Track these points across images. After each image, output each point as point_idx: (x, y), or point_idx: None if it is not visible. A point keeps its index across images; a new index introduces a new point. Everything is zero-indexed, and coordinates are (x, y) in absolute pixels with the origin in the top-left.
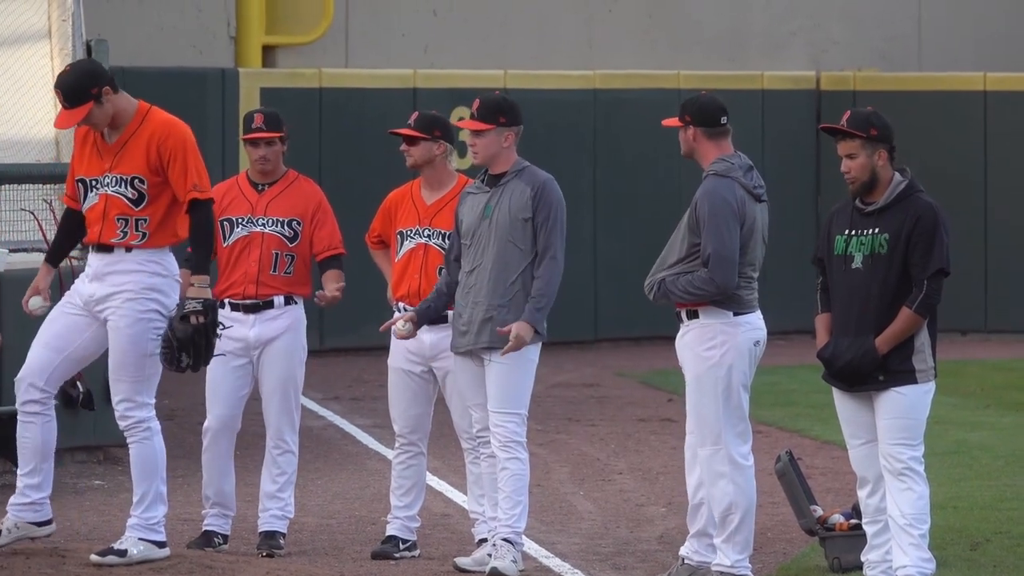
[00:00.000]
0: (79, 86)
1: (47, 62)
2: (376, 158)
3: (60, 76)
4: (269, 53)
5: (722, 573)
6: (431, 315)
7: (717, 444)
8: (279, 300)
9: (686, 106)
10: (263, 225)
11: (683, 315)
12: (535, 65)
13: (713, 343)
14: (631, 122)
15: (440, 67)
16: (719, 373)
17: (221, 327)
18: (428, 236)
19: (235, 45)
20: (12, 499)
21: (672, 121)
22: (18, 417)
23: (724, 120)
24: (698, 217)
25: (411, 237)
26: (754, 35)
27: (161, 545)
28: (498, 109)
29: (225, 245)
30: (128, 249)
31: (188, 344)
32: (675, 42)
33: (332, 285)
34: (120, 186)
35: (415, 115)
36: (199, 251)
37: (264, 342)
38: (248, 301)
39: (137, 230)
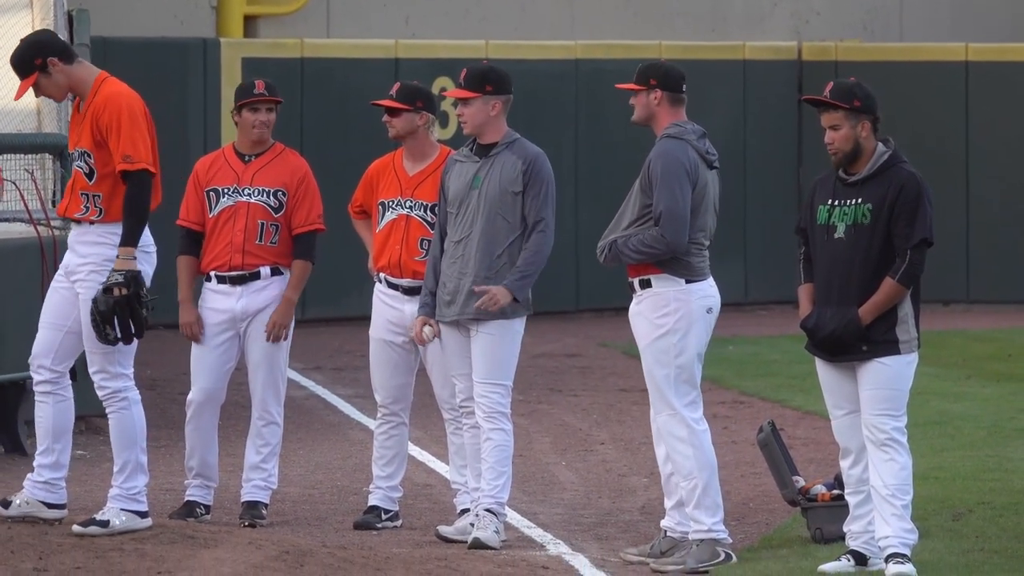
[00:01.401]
0: (23, 57)
1: (28, 31)
2: (358, 128)
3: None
4: (251, 23)
5: (702, 539)
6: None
7: (672, 410)
8: (265, 271)
9: (650, 70)
10: (249, 195)
11: (636, 285)
12: (517, 35)
13: (667, 310)
14: (612, 93)
15: (422, 38)
16: (672, 340)
17: (147, 298)
18: (410, 207)
19: (217, 15)
20: (29, 475)
21: (630, 85)
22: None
23: (684, 88)
24: (650, 177)
25: (393, 208)
26: (736, 6)
27: (143, 515)
28: (484, 78)
29: (211, 215)
30: (91, 222)
31: (110, 316)
32: (657, 12)
33: (278, 314)
34: (80, 160)
35: (397, 86)
36: (128, 222)
37: (251, 314)
38: (234, 273)
39: (95, 205)
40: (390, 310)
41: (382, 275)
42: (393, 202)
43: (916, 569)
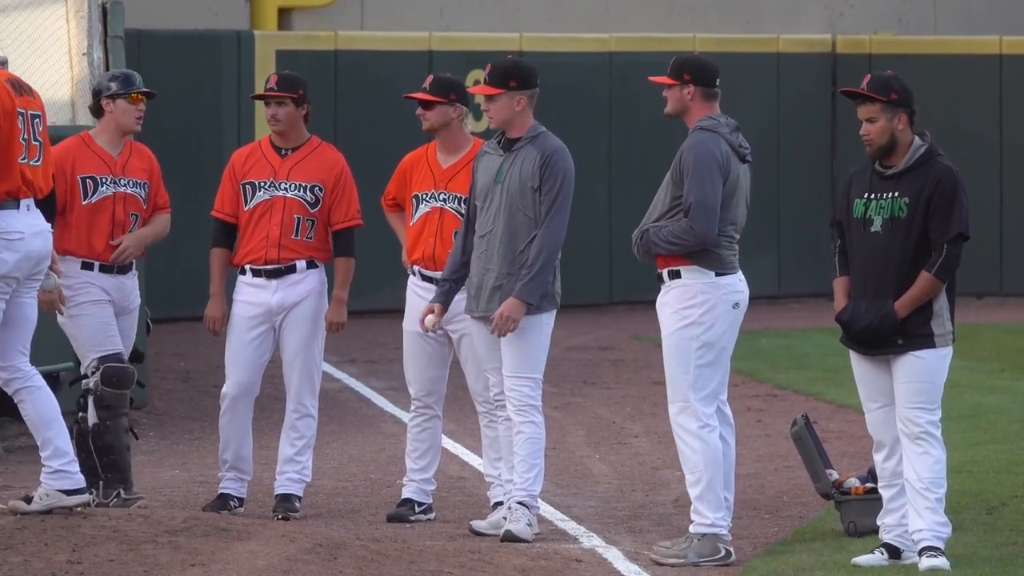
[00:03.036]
0: None
1: (63, 24)
2: (391, 121)
3: None
4: (285, 15)
5: (704, 535)
6: (453, 294)
7: (685, 401)
8: (301, 264)
9: (684, 64)
10: (285, 189)
11: (665, 276)
12: (551, 28)
13: (693, 302)
14: (646, 86)
15: (455, 30)
16: (696, 332)
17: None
18: (444, 200)
19: (250, 7)
20: (42, 470)
21: (663, 78)
22: None
23: (718, 82)
24: (682, 168)
25: (426, 201)
26: None
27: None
28: (507, 73)
29: (246, 209)
30: None
31: None
32: (691, 5)
33: (332, 313)
34: None
35: (430, 79)
36: None
37: (287, 307)
38: (270, 267)
39: None
40: (424, 303)
41: (416, 268)
42: (427, 195)
43: (950, 562)
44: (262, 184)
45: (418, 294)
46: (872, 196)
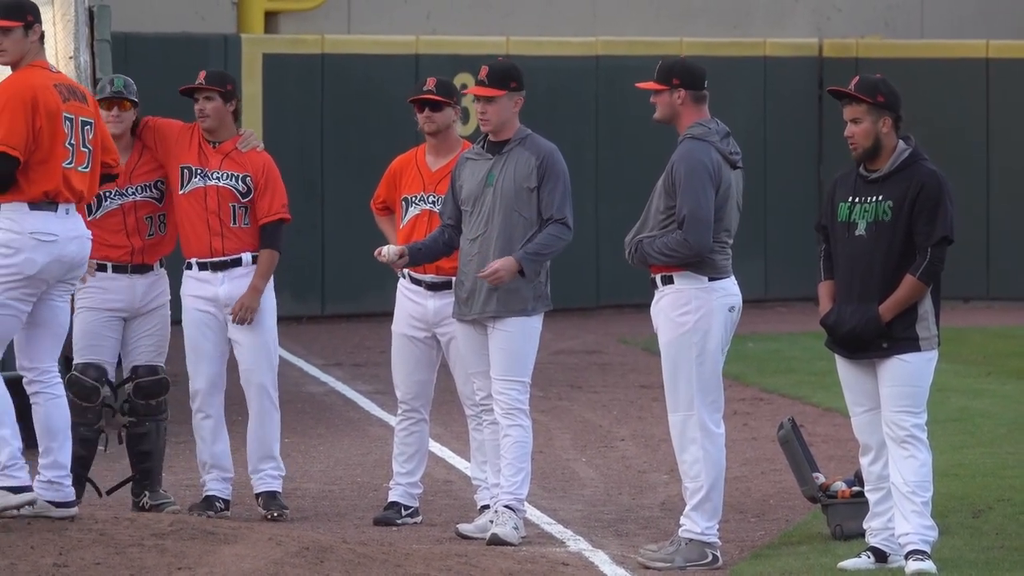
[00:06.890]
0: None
1: (49, 28)
2: (378, 124)
3: None
4: (272, 19)
5: (691, 540)
6: (421, 258)
7: (689, 410)
8: (246, 258)
9: (672, 69)
10: (217, 179)
11: (658, 281)
12: (538, 32)
13: (687, 308)
14: (633, 89)
15: (442, 33)
16: (693, 339)
17: None
18: (433, 202)
19: (238, 11)
20: (36, 476)
21: (651, 84)
22: None
23: (706, 85)
24: (674, 179)
25: (416, 203)
26: (758, 2)
27: (16, 490)
28: (508, 75)
29: (181, 192)
30: None
31: None
32: (678, 9)
33: (245, 297)
34: None
35: (434, 81)
36: None
37: (234, 300)
38: (216, 259)
39: None
40: (413, 305)
41: (405, 271)
42: (416, 197)
43: (936, 566)
44: (197, 171)
45: (407, 297)
46: (856, 200)
